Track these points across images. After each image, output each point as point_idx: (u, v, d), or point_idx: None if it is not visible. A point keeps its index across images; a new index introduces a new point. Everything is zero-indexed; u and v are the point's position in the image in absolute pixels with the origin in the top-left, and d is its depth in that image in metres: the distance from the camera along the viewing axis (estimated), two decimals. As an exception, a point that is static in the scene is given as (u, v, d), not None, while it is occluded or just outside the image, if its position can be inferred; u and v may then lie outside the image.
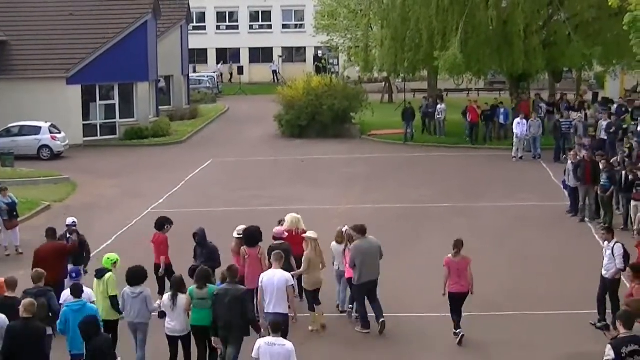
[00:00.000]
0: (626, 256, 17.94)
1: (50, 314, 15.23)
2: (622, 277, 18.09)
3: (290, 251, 18.08)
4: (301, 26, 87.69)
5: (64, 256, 18.64)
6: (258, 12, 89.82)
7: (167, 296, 15.76)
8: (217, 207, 28.47)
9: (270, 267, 16.65)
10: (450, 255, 17.62)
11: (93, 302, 15.43)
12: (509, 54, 43.07)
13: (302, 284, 18.55)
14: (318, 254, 18.36)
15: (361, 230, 18.07)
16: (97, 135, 48.25)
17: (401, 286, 20.79)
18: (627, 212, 26.08)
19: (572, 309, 19.05)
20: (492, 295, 19.86)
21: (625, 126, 37.06)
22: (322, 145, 45.05)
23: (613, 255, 17.79)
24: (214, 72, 79.83)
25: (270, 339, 13.12)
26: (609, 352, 11.91)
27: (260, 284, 16.22)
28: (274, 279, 16.00)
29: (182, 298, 15.49)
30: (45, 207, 30.57)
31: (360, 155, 41.44)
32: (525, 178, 33.28)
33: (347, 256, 18.43)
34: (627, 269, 17.18)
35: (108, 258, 16.76)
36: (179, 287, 15.67)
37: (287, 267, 17.09)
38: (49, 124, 43.38)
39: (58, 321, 14.87)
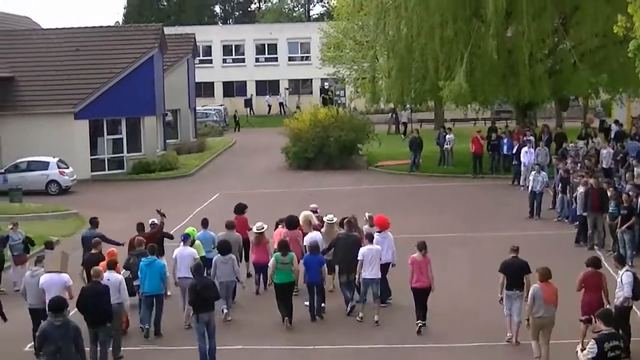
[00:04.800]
0: (636, 284, 17.89)
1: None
2: (632, 304, 18.06)
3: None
4: (307, 58, 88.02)
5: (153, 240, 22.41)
6: (264, 44, 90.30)
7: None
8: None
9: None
10: (415, 255, 19.85)
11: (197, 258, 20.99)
12: (515, 83, 43.20)
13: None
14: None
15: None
16: (104, 170, 48.45)
17: (406, 318, 20.82)
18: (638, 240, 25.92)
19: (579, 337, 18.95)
20: (498, 324, 19.76)
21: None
22: (330, 176, 45.10)
23: (622, 283, 17.77)
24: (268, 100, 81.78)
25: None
26: (593, 346, 13.01)
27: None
28: (316, 237, 22.49)
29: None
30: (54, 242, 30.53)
31: (367, 186, 41.45)
32: (527, 207, 33.13)
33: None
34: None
35: (193, 230, 23.06)
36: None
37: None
38: (56, 159, 43.56)
39: (138, 271, 20.39)
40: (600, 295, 17.90)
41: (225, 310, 21.30)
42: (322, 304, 21.47)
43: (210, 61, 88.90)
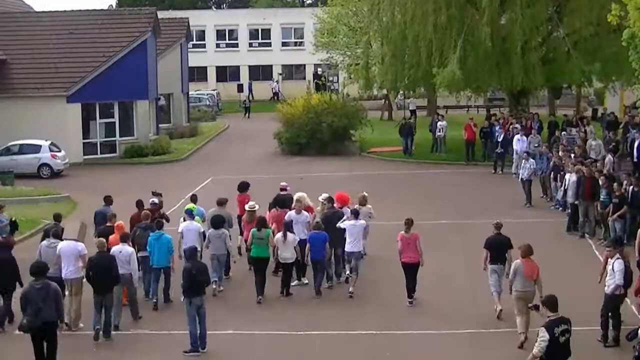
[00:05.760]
0: (628, 272, 17.92)
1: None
2: (625, 292, 18.10)
3: (291, 200, 24.31)
4: (301, 44, 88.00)
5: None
6: (258, 30, 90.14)
7: (279, 235, 21.93)
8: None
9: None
10: (402, 232, 20.94)
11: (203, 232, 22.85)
12: (508, 70, 43.15)
13: None
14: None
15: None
16: (97, 154, 48.39)
17: (398, 303, 20.90)
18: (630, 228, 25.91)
19: (573, 325, 18.99)
20: (493, 313, 19.83)
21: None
22: (322, 162, 45.09)
23: (614, 271, 17.80)
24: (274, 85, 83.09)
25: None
26: (544, 333, 13.56)
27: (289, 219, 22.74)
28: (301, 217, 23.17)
29: (291, 236, 21.85)
30: (45, 226, 30.46)
31: (360, 173, 41.44)
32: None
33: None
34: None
35: (194, 206, 24.13)
36: (288, 228, 21.95)
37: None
38: (49, 142, 43.46)
39: (147, 245, 21.44)
40: None
41: (218, 282, 22.28)
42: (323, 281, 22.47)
43: (204, 46, 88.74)
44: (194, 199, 25.41)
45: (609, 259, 18.21)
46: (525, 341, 17.91)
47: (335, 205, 23.62)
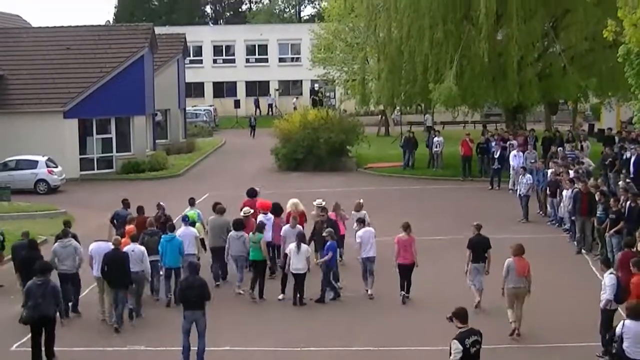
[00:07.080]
0: (620, 287, 17.86)
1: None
2: (617, 307, 18.07)
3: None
4: (297, 59, 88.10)
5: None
6: (254, 45, 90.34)
7: (293, 245, 22.38)
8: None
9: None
10: (400, 235, 22.26)
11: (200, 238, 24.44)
12: (504, 86, 43.24)
13: None
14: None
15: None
16: (94, 169, 48.36)
17: (396, 319, 20.85)
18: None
19: (568, 341, 19.04)
20: (489, 328, 19.78)
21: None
22: (319, 178, 45.07)
23: (605, 286, 17.80)
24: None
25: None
26: (457, 345, 13.59)
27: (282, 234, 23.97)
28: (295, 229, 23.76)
29: (304, 247, 22.44)
30: (42, 242, 30.42)
31: (357, 188, 41.33)
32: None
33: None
34: None
35: (193, 213, 25.74)
36: (301, 239, 22.55)
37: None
38: (45, 157, 43.45)
39: (160, 246, 22.78)
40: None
41: (238, 284, 23.72)
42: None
43: (201, 61, 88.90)
44: (191, 202, 26.94)
45: (604, 274, 18.21)
46: (516, 331, 19.19)
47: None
